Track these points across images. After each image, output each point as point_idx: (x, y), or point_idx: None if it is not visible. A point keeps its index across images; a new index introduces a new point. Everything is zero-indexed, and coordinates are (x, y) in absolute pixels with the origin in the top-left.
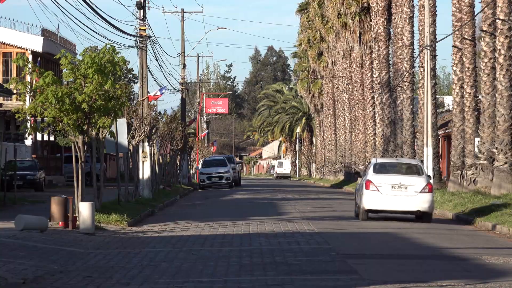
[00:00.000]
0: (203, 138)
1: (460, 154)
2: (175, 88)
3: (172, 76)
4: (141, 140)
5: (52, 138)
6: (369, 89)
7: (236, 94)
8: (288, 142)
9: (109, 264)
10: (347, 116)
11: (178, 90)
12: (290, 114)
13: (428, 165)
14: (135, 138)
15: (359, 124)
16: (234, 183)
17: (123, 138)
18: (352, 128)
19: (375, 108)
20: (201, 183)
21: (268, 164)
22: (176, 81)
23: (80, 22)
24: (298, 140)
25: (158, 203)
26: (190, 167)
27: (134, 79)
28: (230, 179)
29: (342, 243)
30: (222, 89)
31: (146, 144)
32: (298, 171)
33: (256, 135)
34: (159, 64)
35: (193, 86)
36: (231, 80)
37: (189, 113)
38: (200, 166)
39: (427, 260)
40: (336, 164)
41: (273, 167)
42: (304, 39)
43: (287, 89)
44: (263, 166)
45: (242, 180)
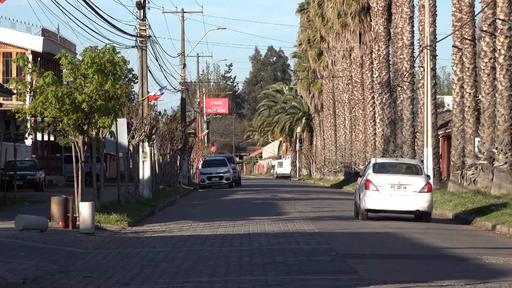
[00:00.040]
0: (203, 138)
1: (460, 154)
2: (175, 88)
3: (172, 76)
4: (141, 140)
5: (52, 138)
6: (369, 89)
7: (236, 94)
8: (288, 142)
9: (109, 264)
10: (347, 116)
11: (178, 90)
12: (290, 114)
13: (428, 165)
14: (135, 138)
15: (359, 124)
16: (234, 183)
17: (123, 138)
18: (352, 128)
19: (375, 108)
20: (201, 183)
21: (268, 164)
22: (176, 81)
23: (80, 22)
24: (298, 140)
25: (158, 203)
26: (190, 167)
27: (134, 79)
28: (230, 179)
29: (342, 243)
30: (222, 89)
31: (146, 144)
32: (298, 171)
33: (256, 135)
34: (159, 64)
35: (193, 86)
36: (231, 80)
37: (189, 113)
38: (200, 166)
39: (427, 260)
40: (336, 164)
41: (273, 167)
42: (304, 39)
43: (287, 89)
44: (263, 166)
45: (242, 180)
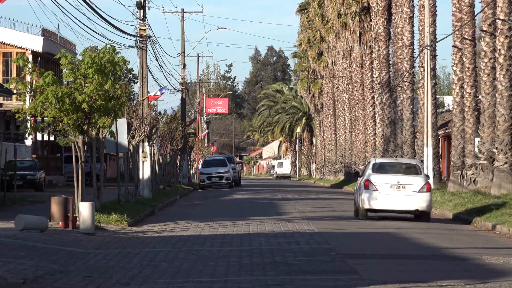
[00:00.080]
0: (203, 138)
1: (460, 154)
2: (175, 88)
3: (172, 76)
4: (141, 140)
5: (52, 138)
6: (369, 89)
7: (236, 94)
8: (288, 142)
9: (109, 264)
10: (347, 116)
11: (178, 90)
12: (290, 114)
13: (428, 165)
14: (135, 138)
15: (359, 124)
16: (234, 183)
17: (123, 138)
18: (352, 128)
19: (375, 108)
20: (201, 183)
21: (268, 164)
22: (176, 81)
23: (80, 22)
24: (298, 140)
25: (158, 203)
26: (190, 167)
27: (134, 79)
28: (230, 179)
29: (342, 243)
30: (222, 89)
31: (146, 144)
32: (298, 171)
33: (256, 135)
34: (159, 64)
35: (193, 86)
36: (231, 80)
37: (189, 113)
38: (200, 166)
39: (427, 260)
40: (336, 164)
41: (273, 167)
42: (304, 39)
43: (287, 89)
44: (263, 166)
45: (242, 180)
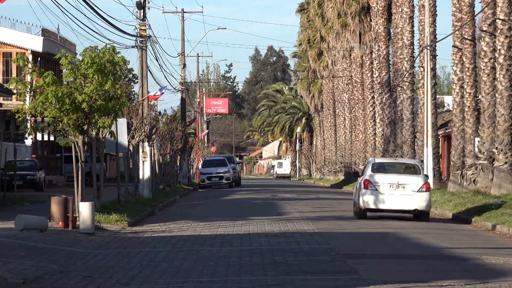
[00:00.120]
0: (203, 138)
1: (460, 154)
2: (175, 88)
3: (172, 76)
4: (141, 140)
5: (52, 138)
6: (369, 89)
7: (236, 94)
8: (288, 142)
9: (109, 264)
10: (347, 116)
11: (178, 90)
12: (290, 114)
13: (428, 165)
14: (135, 138)
15: (359, 124)
16: (234, 183)
17: (123, 138)
18: (352, 128)
19: (375, 108)
20: (201, 183)
21: (268, 164)
22: (176, 81)
23: (80, 22)
24: (298, 140)
25: (158, 203)
26: (190, 167)
27: (134, 79)
28: (230, 179)
29: (342, 243)
30: (222, 89)
31: (146, 144)
32: (298, 171)
33: (256, 135)
34: (159, 64)
35: (193, 86)
36: (231, 80)
37: (189, 113)
38: (200, 166)
39: (427, 260)
40: (336, 164)
41: (273, 167)
42: (304, 39)
43: (287, 89)
44: (263, 166)
45: (242, 180)
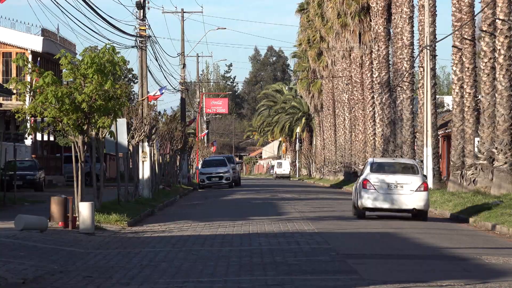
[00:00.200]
0: (203, 138)
1: (460, 154)
2: (175, 88)
3: (172, 76)
4: (141, 140)
5: (52, 138)
6: (369, 89)
7: (236, 94)
8: (288, 142)
9: (109, 264)
10: (347, 116)
11: (178, 90)
12: (290, 114)
13: (428, 165)
14: (135, 138)
15: (359, 124)
16: (234, 183)
17: (123, 138)
18: (352, 128)
19: (375, 108)
20: (201, 183)
21: (268, 164)
22: (176, 81)
23: (80, 22)
24: (298, 140)
25: (158, 203)
26: (190, 167)
27: (134, 79)
28: (230, 179)
29: (342, 243)
30: (222, 89)
31: (146, 144)
32: (298, 171)
33: (256, 135)
34: (159, 64)
35: (193, 86)
36: (231, 80)
37: (189, 113)
38: (200, 166)
39: (427, 260)
40: (336, 164)
41: (272, 167)
42: (304, 39)
43: (287, 89)
44: (263, 166)
45: (242, 180)
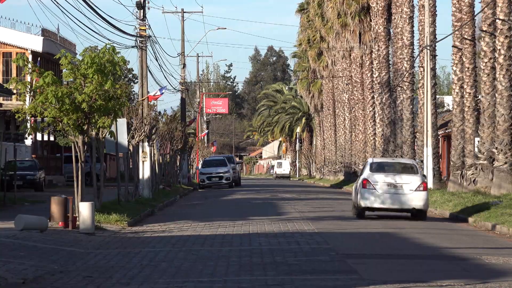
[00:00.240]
0: (203, 138)
1: (460, 154)
2: (175, 88)
3: (172, 76)
4: (141, 140)
5: (52, 138)
6: (369, 89)
7: (236, 94)
8: (288, 142)
9: (109, 264)
10: (347, 116)
11: (178, 90)
12: (290, 114)
13: (428, 165)
14: (135, 138)
15: (359, 124)
16: (234, 183)
17: (123, 138)
18: (352, 128)
19: (375, 108)
20: (201, 183)
21: (268, 164)
22: (176, 81)
23: (80, 22)
24: (298, 140)
25: (158, 203)
26: (190, 167)
27: (134, 79)
28: (230, 179)
29: (341, 243)
30: (222, 89)
31: (146, 144)
32: (298, 171)
33: (256, 135)
34: (159, 64)
35: (193, 86)
36: (231, 80)
37: (189, 113)
38: (200, 166)
39: (427, 260)
40: (336, 164)
41: (272, 167)
42: (304, 39)
43: (287, 89)
44: (263, 166)
45: (242, 180)
